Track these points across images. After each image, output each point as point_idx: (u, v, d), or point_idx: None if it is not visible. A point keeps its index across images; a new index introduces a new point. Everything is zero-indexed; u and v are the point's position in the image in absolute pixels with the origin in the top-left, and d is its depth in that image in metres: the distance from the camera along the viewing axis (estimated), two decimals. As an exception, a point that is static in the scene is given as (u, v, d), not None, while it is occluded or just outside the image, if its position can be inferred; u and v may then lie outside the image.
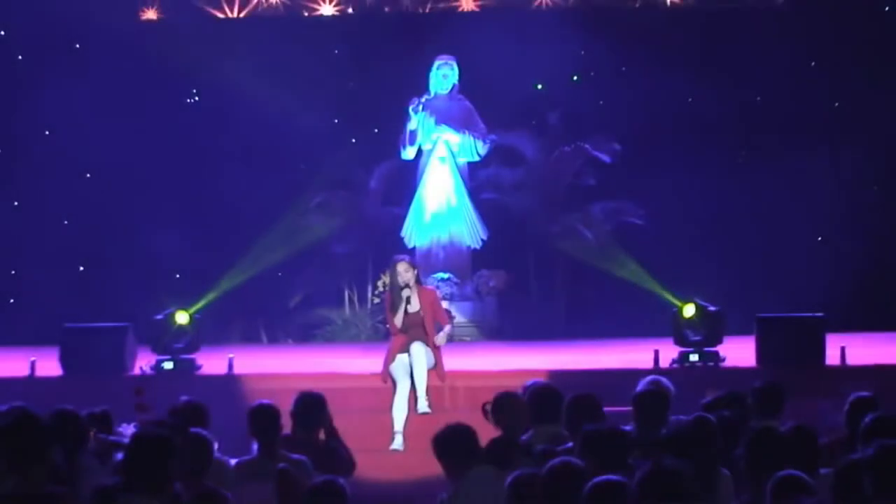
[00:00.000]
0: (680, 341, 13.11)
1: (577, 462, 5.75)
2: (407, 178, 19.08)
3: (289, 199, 19.53)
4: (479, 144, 18.75)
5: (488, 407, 7.76)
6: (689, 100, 20.38)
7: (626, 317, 17.58)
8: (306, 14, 20.82)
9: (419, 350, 11.93)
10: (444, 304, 17.72)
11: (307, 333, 19.67)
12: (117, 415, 8.53)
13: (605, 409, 7.77)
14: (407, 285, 12.14)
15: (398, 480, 11.11)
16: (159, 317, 13.45)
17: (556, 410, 7.94)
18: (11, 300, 20.31)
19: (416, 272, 12.37)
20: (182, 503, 5.67)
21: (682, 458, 5.88)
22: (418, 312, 12.11)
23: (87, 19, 19.29)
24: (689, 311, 13.17)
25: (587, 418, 7.06)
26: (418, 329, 12.10)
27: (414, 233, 18.74)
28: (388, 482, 11.09)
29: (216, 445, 6.97)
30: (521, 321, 18.89)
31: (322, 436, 8.33)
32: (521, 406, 7.70)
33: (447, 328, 12.34)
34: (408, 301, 12.09)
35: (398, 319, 12.13)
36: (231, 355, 13.19)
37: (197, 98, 21.08)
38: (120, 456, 6.36)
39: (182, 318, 13.36)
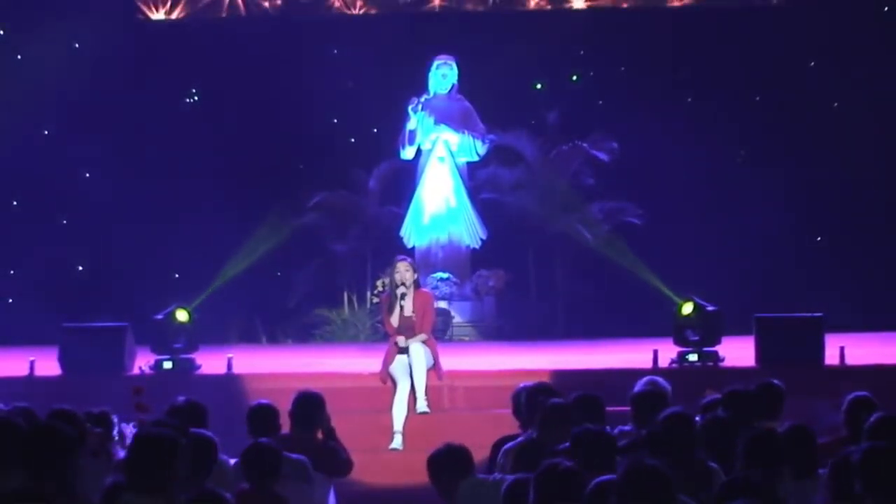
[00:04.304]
0: (679, 341, 13.09)
1: (567, 463, 5.74)
2: (406, 178, 19.08)
3: (288, 198, 19.53)
4: (479, 144, 18.75)
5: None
6: (689, 100, 20.42)
7: (625, 316, 17.60)
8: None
9: (418, 350, 11.91)
10: (444, 304, 17.83)
11: (306, 333, 19.64)
12: (116, 415, 8.53)
13: (604, 408, 7.76)
14: (403, 284, 12.10)
15: (397, 480, 11.09)
16: (159, 316, 13.41)
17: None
18: (10, 300, 20.31)
19: (416, 275, 12.31)
20: (182, 503, 5.64)
21: (662, 455, 5.91)
22: (411, 317, 12.06)
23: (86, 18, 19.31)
24: (687, 309, 13.15)
25: (588, 420, 7.05)
26: (409, 333, 12.05)
27: (413, 232, 18.73)
28: (387, 482, 11.08)
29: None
30: (520, 321, 18.90)
31: (320, 435, 8.34)
32: (568, 420, 7.54)
33: (422, 336, 12.02)
34: (402, 297, 12.04)
35: (394, 319, 12.10)
36: (230, 355, 13.17)
37: (196, 98, 21.08)
38: (121, 455, 6.34)
39: (182, 315, 13.34)
